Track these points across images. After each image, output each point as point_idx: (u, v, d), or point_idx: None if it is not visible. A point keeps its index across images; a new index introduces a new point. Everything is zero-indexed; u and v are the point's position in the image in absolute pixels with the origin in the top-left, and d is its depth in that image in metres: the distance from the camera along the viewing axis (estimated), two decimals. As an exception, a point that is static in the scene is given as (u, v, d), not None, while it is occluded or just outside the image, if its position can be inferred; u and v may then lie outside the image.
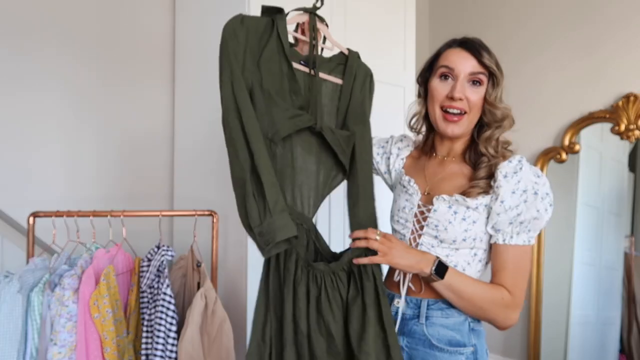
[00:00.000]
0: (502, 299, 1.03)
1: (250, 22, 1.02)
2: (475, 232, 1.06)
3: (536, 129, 2.65)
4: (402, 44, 2.44)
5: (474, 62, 1.06)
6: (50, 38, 1.96)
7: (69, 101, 2.02)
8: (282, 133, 1.01)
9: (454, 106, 1.07)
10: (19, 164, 1.91)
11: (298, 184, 1.09)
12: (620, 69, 2.36)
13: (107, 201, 2.07)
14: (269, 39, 1.02)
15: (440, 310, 1.07)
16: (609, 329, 2.37)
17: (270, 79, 1.02)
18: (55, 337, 1.40)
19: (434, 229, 1.07)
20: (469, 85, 1.07)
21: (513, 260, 1.04)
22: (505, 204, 1.02)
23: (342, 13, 2.17)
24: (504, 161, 1.06)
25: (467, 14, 2.97)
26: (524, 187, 1.02)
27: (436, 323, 1.06)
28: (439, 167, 1.16)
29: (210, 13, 2.06)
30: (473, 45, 1.08)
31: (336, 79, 1.12)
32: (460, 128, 1.09)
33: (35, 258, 1.53)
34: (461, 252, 1.08)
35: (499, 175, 1.04)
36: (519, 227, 1.03)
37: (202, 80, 2.11)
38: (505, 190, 1.02)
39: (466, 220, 1.05)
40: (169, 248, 1.63)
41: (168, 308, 1.50)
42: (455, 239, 1.05)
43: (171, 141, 2.30)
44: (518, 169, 1.04)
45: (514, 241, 1.03)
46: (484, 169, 1.06)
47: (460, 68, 1.07)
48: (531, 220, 1.03)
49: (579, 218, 2.45)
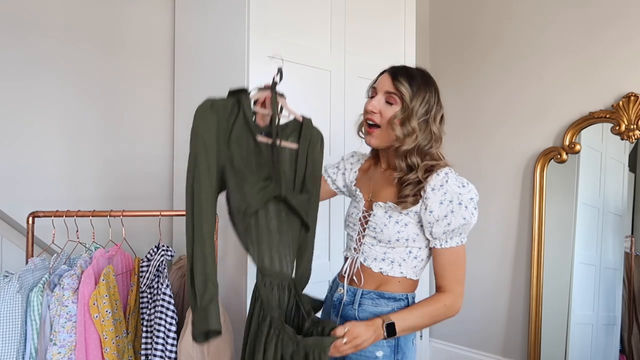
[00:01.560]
0: (445, 305, 1.21)
1: (219, 106, 1.14)
2: (407, 234, 1.23)
3: (536, 129, 2.65)
4: (402, 44, 2.44)
5: (389, 84, 1.23)
6: (50, 39, 1.96)
7: (69, 101, 2.02)
8: (253, 207, 1.15)
9: (369, 118, 1.25)
10: (18, 163, 1.91)
11: (275, 245, 1.22)
12: (621, 69, 2.36)
13: (107, 201, 2.07)
14: (236, 118, 1.15)
15: (371, 300, 1.25)
16: (609, 329, 2.37)
17: (239, 156, 1.14)
18: (55, 337, 1.40)
19: (373, 230, 1.26)
20: (385, 103, 1.24)
21: (450, 260, 1.22)
22: (434, 214, 1.18)
23: (342, 13, 2.18)
24: (433, 174, 1.20)
25: (467, 14, 2.97)
26: (450, 198, 1.17)
27: (366, 310, 1.25)
28: (381, 176, 1.33)
29: (210, 13, 2.06)
30: (396, 72, 1.24)
31: (292, 144, 1.25)
32: (375, 140, 1.26)
33: (34, 258, 1.53)
34: (397, 250, 1.25)
35: (427, 188, 1.19)
36: (451, 233, 1.19)
37: (202, 80, 2.11)
38: (433, 202, 1.18)
39: (399, 223, 1.22)
40: (169, 248, 1.63)
41: (168, 308, 1.50)
42: (390, 239, 1.23)
43: (171, 141, 2.30)
44: (444, 181, 1.19)
45: (449, 244, 1.21)
46: (410, 188, 1.21)
47: (380, 87, 1.25)
48: (460, 226, 1.19)
49: (579, 218, 2.45)
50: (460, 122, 2.99)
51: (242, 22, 1.87)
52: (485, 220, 2.86)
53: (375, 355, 1.21)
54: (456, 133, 3.02)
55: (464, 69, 2.97)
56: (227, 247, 1.95)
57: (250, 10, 1.86)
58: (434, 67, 3.09)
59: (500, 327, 2.75)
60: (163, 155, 2.28)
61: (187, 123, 2.28)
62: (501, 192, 2.79)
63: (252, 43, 1.86)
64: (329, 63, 2.12)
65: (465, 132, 2.97)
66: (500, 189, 2.79)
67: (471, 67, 2.94)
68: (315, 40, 2.09)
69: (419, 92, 1.22)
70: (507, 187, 2.76)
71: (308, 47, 2.06)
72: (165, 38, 2.28)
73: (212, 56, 2.05)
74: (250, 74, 1.86)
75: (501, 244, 2.78)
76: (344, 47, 2.18)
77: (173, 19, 2.30)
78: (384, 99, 1.24)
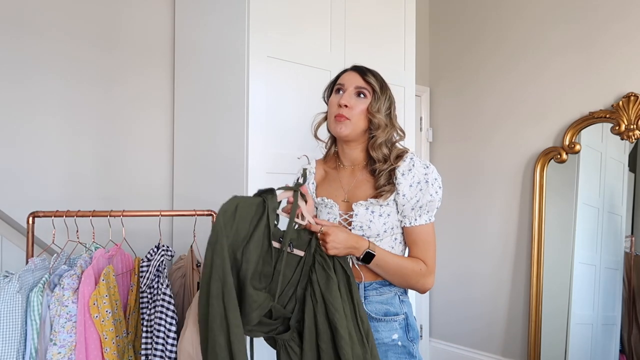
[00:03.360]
0: (420, 269, 1.29)
1: (244, 206, 1.15)
2: (392, 223, 1.31)
3: (536, 129, 2.65)
4: (402, 44, 2.44)
5: (359, 79, 1.32)
6: (51, 39, 1.96)
7: (69, 101, 2.02)
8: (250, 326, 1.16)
9: (339, 113, 1.31)
10: (18, 163, 1.91)
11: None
12: (621, 69, 2.36)
13: (107, 201, 2.07)
14: (258, 221, 1.17)
15: (375, 290, 1.31)
16: (609, 329, 2.37)
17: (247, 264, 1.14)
18: (55, 337, 1.40)
19: (360, 229, 1.30)
20: (355, 96, 1.32)
21: (420, 237, 1.30)
22: (406, 197, 1.28)
23: (342, 13, 2.18)
24: (400, 161, 1.30)
25: (467, 14, 2.97)
26: (418, 180, 1.28)
27: (373, 300, 1.31)
28: (351, 177, 1.38)
29: (210, 13, 2.06)
30: (361, 69, 1.35)
31: (300, 252, 1.25)
32: (346, 128, 1.30)
33: (34, 258, 1.53)
34: (385, 241, 1.31)
35: (398, 174, 1.28)
36: (419, 210, 1.29)
37: (202, 79, 2.11)
38: (404, 186, 1.28)
39: (382, 216, 1.30)
40: (169, 248, 1.63)
41: (168, 308, 1.50)
42: (378, 232, 1.29)
43: (171, 141, 2.30)
44: (411, 166, 1.29)
45: (418, 222, 1.29)
46: (384, 177, 1.30)
47: (348, 83, 1.33)
48: (427, 203, 1.28)
49: (579, 218, 2.45)
50: (461, 122, 2.99)
51: (242, 22, 1.87)
52: (485, 220, 2.86)
53: (391, 337, 1.30)
54: (456, 133, 3.02)
55: (464, 69, 2.97)
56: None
57: (250, 10, 1.86)
58: (434, 67, 3.09)
59: (500, 327, 2.75)
60: (163, 155, 2.28)
61: (187, 123, 2.29)
62: (501, 192, 2.79)
63: (252, 43, 1.86)
64: (329, 63, 2.12)
65: (465, 132, 2.97)
66: (500, 188, 2.79)
67: (471, 67, 2.94)
68: (315, 40, 2.09)
69: (384, 88, 1.34)
70: (507, 187, 2.76)
71: (308, 47, 2.06)
72: (165, 38, 2.28)
73: (212, 56, 2.05)
74: (250, 74, 1.86)
75: (501, 244, 2.78)
76: (344, 47, 2.18)
77: (173, 19, 2.30)
78: (354, 93, 1.31)
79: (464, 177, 2.95)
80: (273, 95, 1.95)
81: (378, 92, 1.32)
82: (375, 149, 1.32)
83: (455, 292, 2.99)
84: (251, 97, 1.87)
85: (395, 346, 1.31)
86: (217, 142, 2.03)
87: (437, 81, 3.08)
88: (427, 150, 3.15)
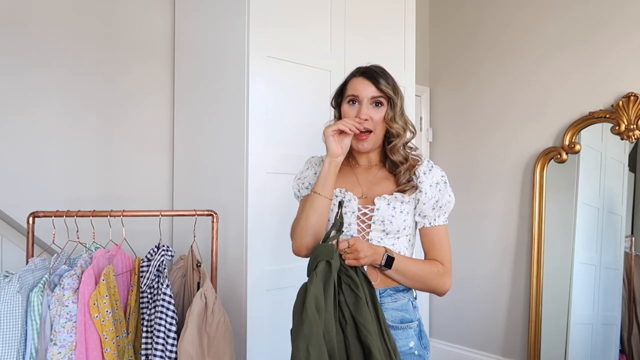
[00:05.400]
0: (438, 271, 1.29)
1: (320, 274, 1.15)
2: (410, 222, 1.32)
3: (537, 128, 2.65)
4: (402, 44, 2.44)
5: (373, 88, 1.29)
6: (50, 38, 1.96)
7: (69, 101, 2.02)
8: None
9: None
10: (18, 163, 1.91)
11: None
12: (621, 68, 2.36)
13: (107, 201, 2.07)
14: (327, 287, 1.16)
15: (390, 296, 1.29)
16: (609, 329, 2.37)
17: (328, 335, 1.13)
18: (55, 337, 1.40)
19: (381, 224, 1.29)
20: (372, 107, 1.30)
21: (439, 238, 1.31)
22: (428, 195, 1.30)
23: (342, 13, 2.18)
24: (419, 161, 1.33)
25: (467, 14, 2.97)
26: (437, 180, 1.31)
27: (388, 307, 1.29)
28: (367, 174, 1.37)
29: (210, 13, 2.07)
30: (372, 75, 1.30)
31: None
32: (368, 144, 1.31)
33: (35, 258, 1.53)
34: (401, 240, 1.32)
35: (419, 174, 1.31)
36: (438, 210, 1.31)
37: (202, 79, 2.11)
38: (426, 185, 1.30)
39: (403, 213, 1.30)
40: (169, 248, 1.63)
41: (168, 308, 1.50)
42: (398, 228, 1.29)
43: (171, 141, 2.30)
44: (430, 167, 1.33)
45: (437, 222, 1.31)
46: (405, 174, 1.31)
47: (363, 94, 1.29)
48: (446, 204, 1.32)
49: (579, 218, 2.45)
50: (461, 122, 2.99)
51: (242, 22, 1.88)
52: (485, 220, 2.86)
53: (409, 346, 1.29)
54: (457, 133, 3.02)
55: (464, 69, 2.97)
56: (227, 247, 1.95)
57: (250, 10, 1.86)
58: (434, 67, 3.09)
59: (501, 327, 2.75)
60: (163, 155, 2.28)
61: (187, 123, 2.29)
62: (501, 192, 2.79)
63: (252, 43, 1.87)
64: (329, 63, 2.12)
65: (465, 132, 2.97)
66: (500, 188, 2.79)
67: (471, 68, 2.94)
68: (315, 40, 2.09)
69: (396, 90, 1.32)
70: (507, 187, 2.76)
71: (308, 47, 2.06)
72: (165, 38, 2.28)
73: (212, 56, 2.05)
74: (250, 73, 1.87)
75: (501, 244, 2.78)
76: (344, 47, 2.18)
77: (173, 19, 2.30)
78: (371, 105, 1.29)
79: (464, 177, 2.95)
80: (273, 95, 1.95)
81: (393, 98, 1.29)
82: (394, 153, 1.32)
83: (455, 292, 2.98)
84: (251, 97, 1.87)
85: (412, 355, 1.28)
86: (217, 142, 2.03)
87: (437, 81, 3.08)
88: (427, 150, 3.15)
